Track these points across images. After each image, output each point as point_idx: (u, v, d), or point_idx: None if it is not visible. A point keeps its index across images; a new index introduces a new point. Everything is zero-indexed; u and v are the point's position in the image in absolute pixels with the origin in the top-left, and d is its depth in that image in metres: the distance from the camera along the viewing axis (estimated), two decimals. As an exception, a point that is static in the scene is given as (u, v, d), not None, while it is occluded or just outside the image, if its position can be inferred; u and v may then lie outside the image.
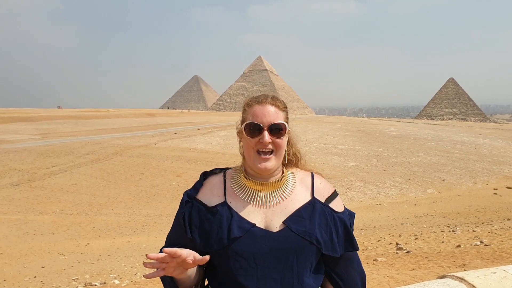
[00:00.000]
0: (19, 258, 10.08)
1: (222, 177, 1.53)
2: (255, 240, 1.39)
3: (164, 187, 17.78)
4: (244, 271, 1.38)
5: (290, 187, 1.49)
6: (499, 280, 1.77)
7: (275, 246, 1.38)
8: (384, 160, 25.43)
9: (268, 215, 1.43)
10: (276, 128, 1.43)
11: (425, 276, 5.80)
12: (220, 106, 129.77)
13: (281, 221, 1.42)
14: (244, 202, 1.45)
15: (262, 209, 1.44)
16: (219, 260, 1.42)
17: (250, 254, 1.38)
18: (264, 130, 1.42)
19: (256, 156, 1.43)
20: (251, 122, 1.43)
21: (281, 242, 1.39)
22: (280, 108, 1.49)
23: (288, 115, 1.52)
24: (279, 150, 1.44)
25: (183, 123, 44.15)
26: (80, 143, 25.54)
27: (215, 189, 1.50)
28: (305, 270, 1.42)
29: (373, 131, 42.03)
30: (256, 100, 1.47)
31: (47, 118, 46.01)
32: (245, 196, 1.46)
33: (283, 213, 1.44)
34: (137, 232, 12.76)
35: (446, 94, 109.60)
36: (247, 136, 1.43)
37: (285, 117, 1.49)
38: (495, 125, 76.53)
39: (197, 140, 29.74)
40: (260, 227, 1.41)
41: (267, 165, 1.42)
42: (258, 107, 1.45)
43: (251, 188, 1.47)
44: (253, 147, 1.43)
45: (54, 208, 14.98)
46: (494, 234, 8.95)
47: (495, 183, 20.63)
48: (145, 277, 1.31)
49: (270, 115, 1.43)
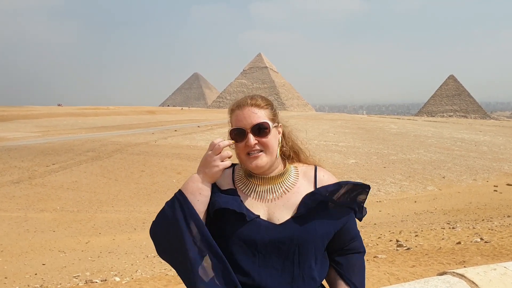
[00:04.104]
0: (20, 256, 10.10)
1: (231, 170, 1.58)
2: (259, 229, 1.42)
3: (165, 185, 17.80)
4: (246, 257, 1.42)
5: (292, 181, 1.51)
6: (499, 276, 1.77)
7: (277, 237, 1.41)
8: (384, 157, 25.43)
9: (271, 208, 1.47)
10: (260, 128, 1.45)
11: (425, 273, 5.81)
12: (220, 103, 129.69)
13: (283, 214, 1.45)
14: (247, 196, 1.49)
15: (264, 203, 1.48)
16: (224, 245, 1.44)
17: (252, 241, 1.42)
18: (247, 133, 1.45)
19: (247, 158, 1.47)
20: (234, 128, 1.47)
21: (283, 233, 1.42)
22: (261, 107, 1.49)
23: (274, 111, 1.53)
24: (267, 148, 1.46)
25: (183, 121, 44.15)
26: (80, 141, 25.55)
27: (226, 178, 1.55)
28: (307, 262, 1.44)
29: (373, 128, 42.02)
30: (237, 105, 1.51)
31: (47, 116, 46.02)
32: (248, 190, 1.50)
33: (286, 206, 1.46)
34: (138, 230, 12.78)
35: (446, 91, 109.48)
36: (234, 142, 1.47)
37: (270, 114, 1.50)
38: (496, 122, 76.53)
39: (197, 137, 29.74)
40: (263, 219, 1.45)
41: (257, 163, 1.45)
42: (238, 111, 1.49)
43: (253, 182, 1.51)
44: (242, 150, 1.47)
45: (55, 205, 15.00)
46: (494, 231, 8.96)
47: (495, 180, 20.63)
48: None
49: (250, 117, 1.46)
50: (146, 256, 9.66)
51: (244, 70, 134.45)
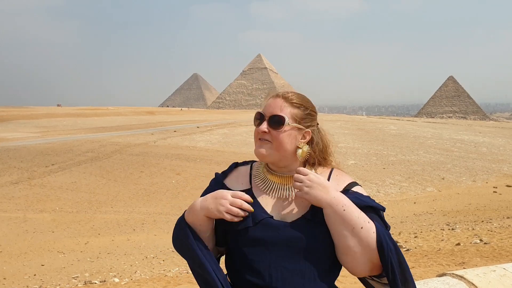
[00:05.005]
0: (19, 256, 10.09)
1: (248, 168, 1.60)
2: (269, 229, 1.42)
3: (164, 185, 17.78)
4: (257, 257, 1.42)
5: None
6: (498, 278, 1.77)
7: (287, 236, 1.41)
8: (384, 159, 25.43)
9: (284, 207, 1.47)
10: (275, 120, 1.46)
11: (425, 274, 5.81)
12: (219, 104, 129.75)
13: (295, 213, 1.45)
14: (262, 193, 1.50)
15: (279, 201, 1.48)
16: (236, 246, 1.46)
17: (263, 241, 1.42)
18: (264, 119, 1.48)
19: (256, 142, 1.50)
20: (258, 112, 1.52)
21: (293, 233, 1.41)
22: (292, 103, 1.50)
23: (307, 114, 1.52)
24: (275, 142, 1.46)
25: (182, 121, 44.14)
26: (80, 141, 25.54)
27: (241, 177, 1.57)
28: (319, 262, 1.42)
29: (372, 129, 42.02)
30: (274, 94, 1.55)
31: (47, 116, 46.00)
32: (265, 187, 1.51)
33: (299, 205, 1.46)
34: (137, 230, 12.77)
35: (446, 92, 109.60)
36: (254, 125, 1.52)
37: (297, 114, 1.50)
38: (495, 123, 76.55)
39: (197, 138, 29.73)
40: (276, 218, 1.45)
41: (260, 151, 1.47)
42: (271, 99, 1.52)
43: (270, 180, 1.52)
44: (256, 135, 1.51)
45: (54, 206, 14.99)
46: (493, 232, 8.96)
47: (494, 181, 20.64)
48: None
49: (275, 107, 1.48)
50: (145, 257, 9.65)
51: (244, 71, 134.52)
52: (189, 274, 7.53)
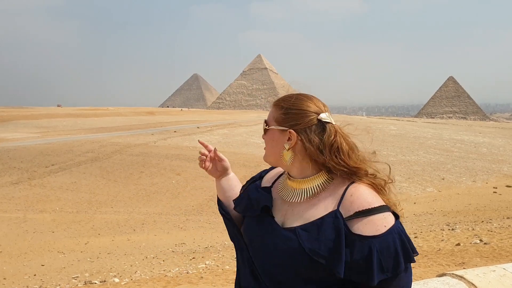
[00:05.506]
0: (19, 256, 10.09)
1: (279, 170, 1.61)
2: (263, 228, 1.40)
3: (164, 186, 17.78)
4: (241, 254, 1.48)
5: (315, 191, 1.38)
6: (498, 278, 1.77)
7: (274, 241, 1.35)
8: (384, 159, 25.24)
9: (288, 211, 1.40)
10: (264, 126, 1.49)
11: (425, 275, 5.81)
12: (219, 104, 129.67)
13: (293, 220, 1.36)
14: (277, 195, 1.49)
15: (286, 205, 1.43)
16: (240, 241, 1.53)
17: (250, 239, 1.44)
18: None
19: None
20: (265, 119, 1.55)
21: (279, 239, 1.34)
22: (275, 105, 1.45)
23: (284, 113, 1.40)
24: (267, 145, 1.48)
25: (182, 122, 44.13)
26: (80, 142, 25.53)
27: (273, 175, 1.60)
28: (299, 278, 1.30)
29: (372, 129, 41.97)
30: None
31: (47, 117, 45.98)
32: (280, 190, 1.50)
33: (300, 214, 1.37)
34: (137, 231, 12.77)
35: (446, 93, 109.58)
36: None
37: (277, 114, 1.42)
38: (495, 123, 76.55)
39: (197, 138, 29.69)
40: (276, 218, 1.40)
41: (264, 155, 1.51)
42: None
43: (284, 183, 1.49)
44: None
45: (54, 206, 14.99)
46: (493, 232, 8.96)
47: (494, 181, 20.64)
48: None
49: (268, 114, 1.50)
50: (145, 257, 9.66)
51: (244, 71, 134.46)
52: (189, 274, 7.54)
